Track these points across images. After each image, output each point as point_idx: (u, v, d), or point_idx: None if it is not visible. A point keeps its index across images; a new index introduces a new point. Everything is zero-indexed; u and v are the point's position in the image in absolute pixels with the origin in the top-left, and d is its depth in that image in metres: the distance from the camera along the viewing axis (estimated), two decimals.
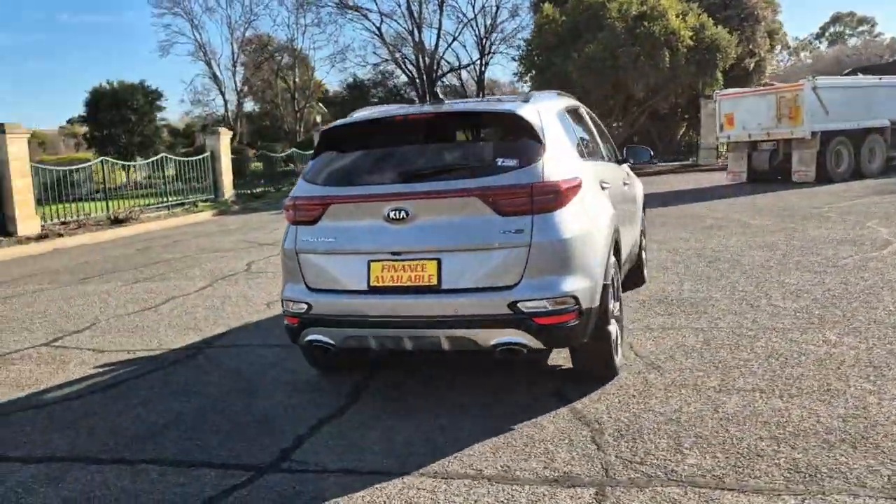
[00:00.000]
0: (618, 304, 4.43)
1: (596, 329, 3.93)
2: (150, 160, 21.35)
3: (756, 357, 4.47)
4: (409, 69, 41.92)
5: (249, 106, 59.91)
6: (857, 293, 5.86)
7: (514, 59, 37.60)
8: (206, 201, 21.10)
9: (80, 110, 42.51)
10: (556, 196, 3.71)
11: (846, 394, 3.79)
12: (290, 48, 51.27)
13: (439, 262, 3.71)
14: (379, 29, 40.98)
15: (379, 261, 3.79)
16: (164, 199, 20.28)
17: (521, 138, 3.87)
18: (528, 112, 3.93)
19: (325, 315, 3.93)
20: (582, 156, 4.42)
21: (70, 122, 41.87)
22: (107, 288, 8.79)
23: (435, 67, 42.25)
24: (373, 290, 3.80)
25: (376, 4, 41.82)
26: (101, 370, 5.25)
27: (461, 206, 3.70)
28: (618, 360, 4.31)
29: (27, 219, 15.33)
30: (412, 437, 3.62)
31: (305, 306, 3.98)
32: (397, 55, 41.45)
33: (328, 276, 3.94)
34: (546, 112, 4.10)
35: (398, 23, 41.40)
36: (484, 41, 41.29)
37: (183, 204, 20.25)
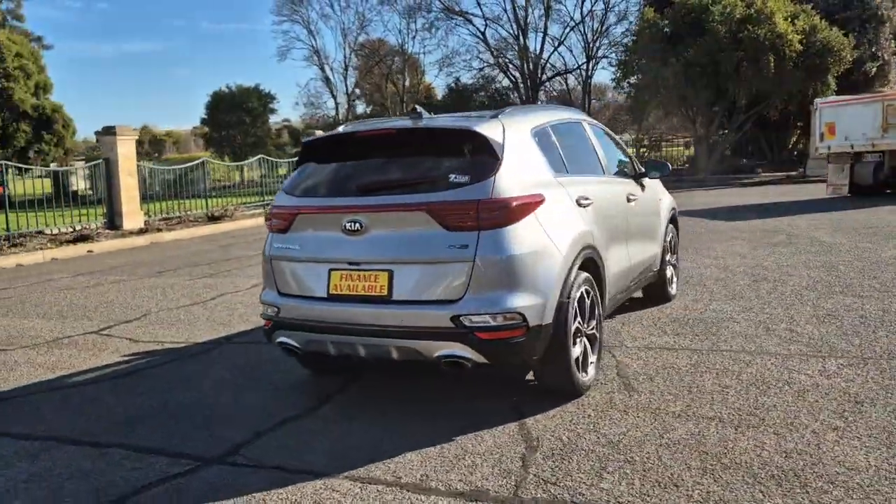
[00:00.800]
0: (594, 321, 4.38)
1: (554, 347, 3.93)
2: (249, 161, 22.53)
3: (738, 384, 4.31)
4: (512, 74, 41.96)
5: (361, 108, 61.89)
6: (890, 322, 5.48)
7: (611, 64, 36.82)
8: None
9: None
10: (504, 213, 3.74)
11: (807, 429, 3.60)
12: (400, 52, 52.58)
13: (391, 273, 3.83)
14: (483, 33, 41.28)
15: (338, 270, 3.96)
16: (262, 199, 21.35)
17: (477, 155, 3.92)
18: (487, 129, 3.98)
19: (291, 319, 4.14)
20: (560, 171, 4.42)
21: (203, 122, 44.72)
22: (173, 281, 9.45)
23: (539, 72, 42.09)
24: (332, 298, 3.97)
25: (481, 10, 41.95)
26: (126, 359, 5.71)
27: (411, 219, 3.81)
28: (587, 378, 4.28)
29: (132, 214, 16.60)
30: (359, 441, 3.77)
31: (276, 310, 4.21)
32: (501, 60, 41.57)
33: (295, 282, 4.15)
34: (512, 129, 4.13)
35: (503, 27, 41.58)
36: (591, 45, 40.69)
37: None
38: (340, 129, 4.58)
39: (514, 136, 4.11)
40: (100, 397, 4.77)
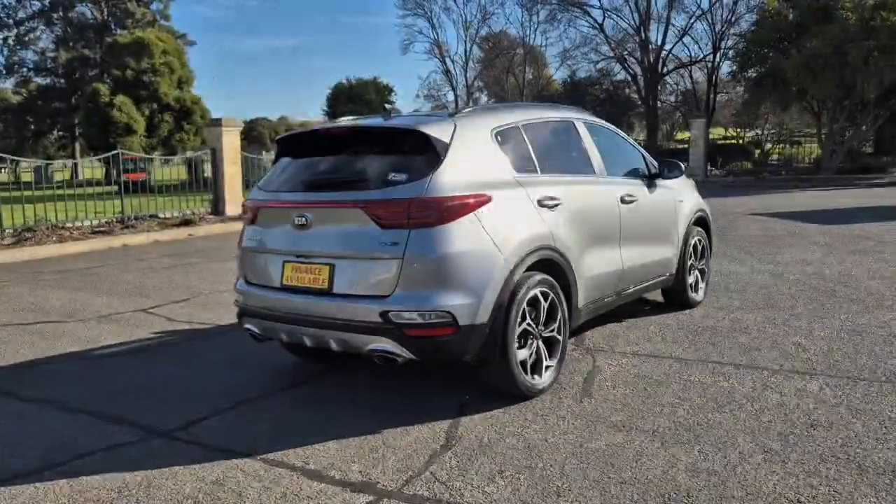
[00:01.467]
0: (554, 324, 4.32)
1: (491, 347, 3.93)
2: None
3: (699, 398, 4.12)
4: (630, 68, 40.76)
5: (483, 100, 62.24)
6: None
7: (728, 57, 34.86)
8: None
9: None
10: (435, 212, 3.77)
11: (736, 450, 3.42)
12: (522, 45, 52.45)
13: (332, 267, 3.97)
14: (601, 25, 40.32)
15: (290, 262, 4.15)
16: None
17: (419, 155, 3.96)
18: (433, 129, 4.01)
19: (253, 307, 4.37)
20: (526, 171, 4.38)
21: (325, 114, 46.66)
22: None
23: (660, 65, 40.63)
24: (284, 288, 4.17)
25: (600, 0, 40.89)
26: (154, 336, 6.18)
27: (349, 216, 3.92)
28: (541, 381, 4.23)
29: (233, 201, 17.64)
30: (297, 427, 3.93)
31: (242, 297, 4.46)
32: (619, 52, 40.48)
33: (257, 272, 4.38)
34: (466, 129, 4.14)
35: (623, 18, 40.44)
36: (719, 35, 38.77)
37: None
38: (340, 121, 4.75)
39: (467, 136, 4.12)
40: (108, 369, 5.22)
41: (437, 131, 4.02)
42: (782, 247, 9.79)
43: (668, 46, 40.18)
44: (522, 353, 4.11)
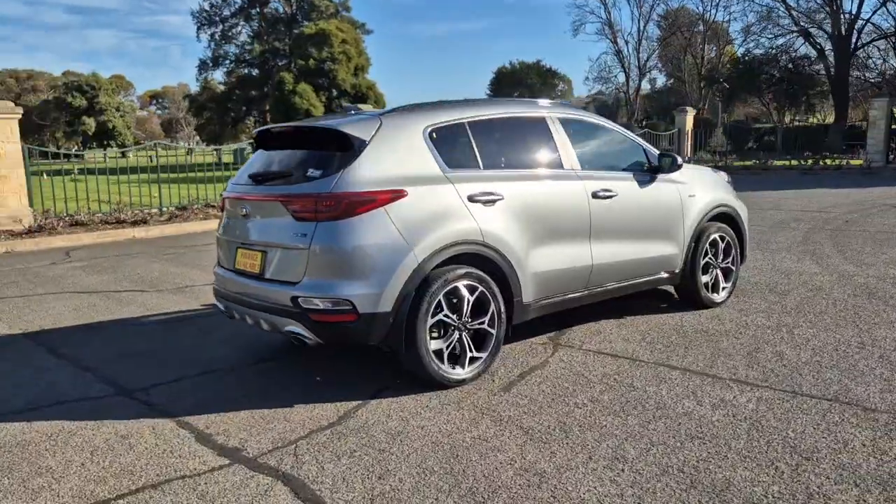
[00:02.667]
0: (484, 317, 4.42)
1: (398, 335, 4.13)
2: None
3: (609, 400, 4.05)
4: (816, 42, 37.15)
5: (661, 81, 59.76)
6: None
7: None
8: None
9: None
10: (341, 206, 4.03)
11: (587, 453, 3.39)
12: (702, 20, 49.65)
13: (264, 254, 4.37)
14: None
15: (240, 248, 4.60)
16: None
17: (337, 152, 4.23)
18: (353, 128, 4.25)
19: (220, 288, 4.89)
20: (461, 168, 4.49)
21: None
22: None
23: (855, 37, 36.66)
24: (236, 272, 4.64)
25: None
26: (197, 307, 6.93)
27: (275, 209, 4.29)
28: (463, 372, 4.35)
29: None
30: (228, 397, 4.34)
31: (215, 279, 4.99)
32: (804, 24, 37.02)
33: (223, 256, 4.88)
34: (392, 127, 4.33)
35: None
36: None
37: None
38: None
39: (390, 134, 4.31)
40: (133, 335, 5.98)
41: (357, 130, 4.26)
42: (865, 247, 8.80)
43: (865, 15, 36.12)
44: (437, 344, 4.26)
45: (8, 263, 9.93)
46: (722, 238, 6.07)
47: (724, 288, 6.14)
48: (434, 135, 4.49)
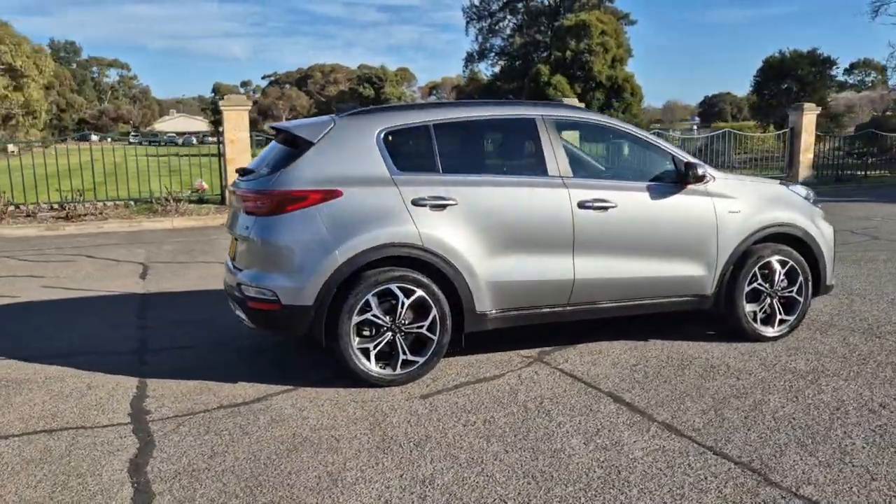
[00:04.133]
0: (425, 321, 4.42)
1: (323, 328, 4.31)
2: (709, 135, 21.82)
3: (512, 425, 3.84)
4: None
5: None
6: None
7: None
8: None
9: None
10: (274, 203, 4.30)
11: (342, 459, 3.31)
12: None
13: (235, 243, 4.81)
14: None
15: (233, 239, 5.09)
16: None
17: (289, 151, 4.48)
18: (304, 130, 4.47)
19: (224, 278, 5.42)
20: (415, 171, 4.50)
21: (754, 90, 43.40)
22: None
23: None
24: (231, 259, 5.14)
25: None
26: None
27: (241, 202, 4.67)
28: (393, 373, 4.40)
29: None
30: (196, 366, 4.90)
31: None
32: None
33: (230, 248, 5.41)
34: (341, 129, 4.46)
35: None
36: None
37: None
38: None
39: (339, 135, 4.46)
40: (189, 305, 6.70)
41: (306, 131, 4.48)
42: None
43: None
44: (363, 342, 4.35)
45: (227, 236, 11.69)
46: (783, 263, 5.23)
47: (782, 321, 5.28)
48: (390, 137, 4.54)
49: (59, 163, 16.74)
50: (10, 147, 31.08)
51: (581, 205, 4.74)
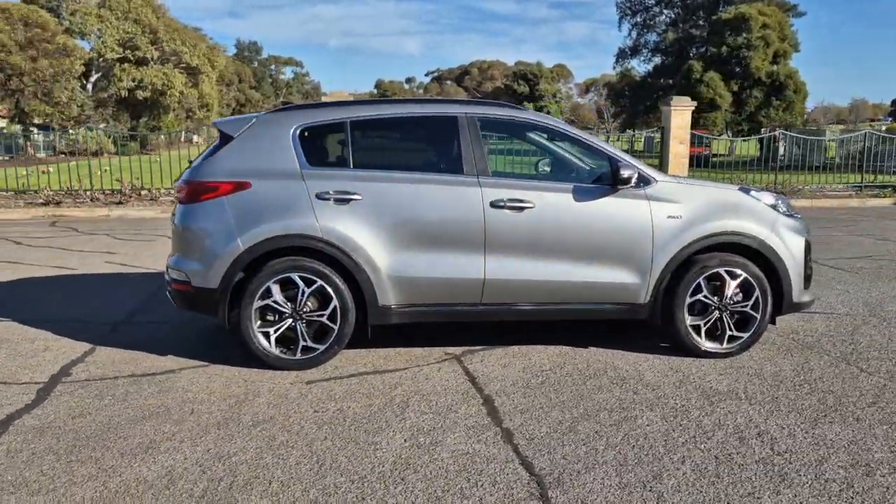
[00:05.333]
0: (325, 311, 4.59)
1: (231, 312, 4.62)
2: (843, 136, 19.80)
3: (358, 418, 3.94)
4: None
5: None
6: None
7: None
8: None
9: None
10: (188, 192, 4.65)
11: (221, 461, 3.52)
12: None
13: None
14: None
15: None
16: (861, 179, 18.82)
17: (217, 146, 4.80)
18: (228, 125, 4.77)
19: None
20: (322, 166, 4.67)
21: None
22: None
23: None
24: None
25: None
26: None
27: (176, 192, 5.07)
28: (293, 358, 4.61)
29: None
30: (131, 337, 5.39)
31: None
32: None
33: None
34: (260, 125, 4.71)
35: None
36: None
37: (868, 187, 18.36)
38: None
39: (257, 131, 4.72)
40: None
41: (229, 127, 4.78)
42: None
43: None
44: (264, 327, 4.59)
45: None
46: (733, 275, 4.85)
47: (732, 337, 4.90)
48: (306, 133, 4.74)
49: None
50: (195, 137, 34.69)
51: (493, 204, 4.68)
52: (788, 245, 4.94)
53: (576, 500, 3.00)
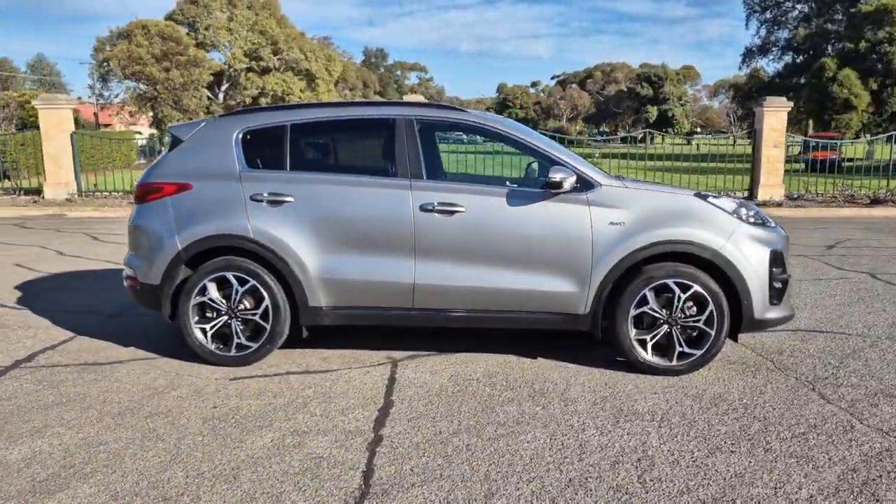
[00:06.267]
0: (259, 310, 4.69)
1: (167, 308, 4.82)
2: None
3: (206, 412, 4.01)
4: None
5: None
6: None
7: None
8: None
9: None
10: (140, 193, 4.90)
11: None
12: None
13: None
14: None
15: None
16: None
17: (170, 149, 5.02)
18: (180, 130, 4.96)
19: None
20: (261, 168, 4.77)
21: None
22: None
23: None
24: None
25: None
26: None
27: None
28: (228, 354, 4.76)
29: (770, 186, 16.53)
30: (108, 328, 5.72)
31: None
32: None
33: None
34: (208, 129, 4.88)
35: None
36: None
37: None
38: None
39: (204, 134, 4.89)
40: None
41: (180, 131, 4.99)
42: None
43: None
44: (200, 322, 4.75)
45: None
46: (684, 287, 4.51)
47: (683, 354, 4.55)
48: (248, 137, 4.86)
49: None
50: None
51: (423, 208, 4.60)
52: (749, 256, 4.53)
53: None
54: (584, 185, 4.58)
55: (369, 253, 4.66)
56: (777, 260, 4.62)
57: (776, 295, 4.63)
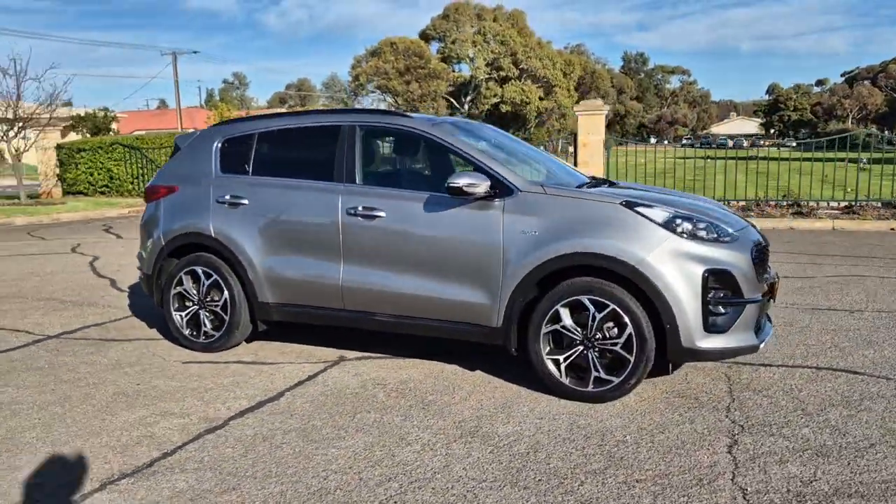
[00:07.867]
0: (218, 303, 5.17)
1: (159, 297, 5.47)
2: None
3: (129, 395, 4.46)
4: None
5: None
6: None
7: None
8: None
9: None
10: (146, 194, 5.61)
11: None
12: None
13: None
14: None
15: None
16: None
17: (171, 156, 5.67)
18: (181, 138, 5.57)
19: None
20: (231, 172, 5.21)
21: None
22: None
23: None
24: None
25: None
26: None
27: None
28: (201, 341, 5.28)
29: None
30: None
31: None
32: None
33: None
34: (201, 137, 5.43)
35: None
36: None
37: None
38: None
39: (196, 142, 5.46)
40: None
41: (182, 139, 5.62)
42: None
43: None
44: (178, 310, 5.32)
45: None
46: (599, 305, 4.06)
47: (599, 379, 4.10)
48: (226, 144, 5.33)
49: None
50: (570, 148, 37.22)
51: (348, 211, 4.70)
52: (678, 274, 3.94)
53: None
54: (503, 191, 4.33)
55: (305, 253, 4.87)
56: (720, 280, 3.96)
57: (717, 322, 3.97)
